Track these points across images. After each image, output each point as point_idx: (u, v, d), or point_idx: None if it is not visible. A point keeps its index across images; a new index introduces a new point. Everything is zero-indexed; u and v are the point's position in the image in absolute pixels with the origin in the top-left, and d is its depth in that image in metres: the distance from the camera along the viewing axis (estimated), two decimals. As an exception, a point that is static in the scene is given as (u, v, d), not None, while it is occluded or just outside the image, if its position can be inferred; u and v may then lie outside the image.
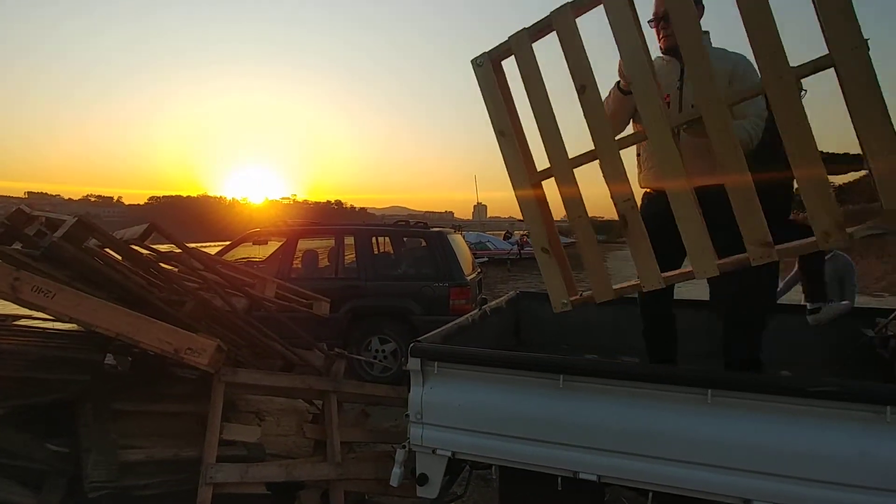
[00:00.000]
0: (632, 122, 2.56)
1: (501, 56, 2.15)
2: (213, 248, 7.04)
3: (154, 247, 3.03)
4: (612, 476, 1.95)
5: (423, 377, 2.23)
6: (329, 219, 78.92)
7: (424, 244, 6.34)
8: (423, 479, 2.24)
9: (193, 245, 3.52)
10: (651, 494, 1.93)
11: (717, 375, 1.86)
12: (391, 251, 6.92)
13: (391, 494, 2.79)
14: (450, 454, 2.19)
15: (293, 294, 3.89)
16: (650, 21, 2.46)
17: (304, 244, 6.75)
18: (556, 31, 2.00)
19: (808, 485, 1.68)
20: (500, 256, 21.79)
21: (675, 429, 1.84)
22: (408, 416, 2.25)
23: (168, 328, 2.44)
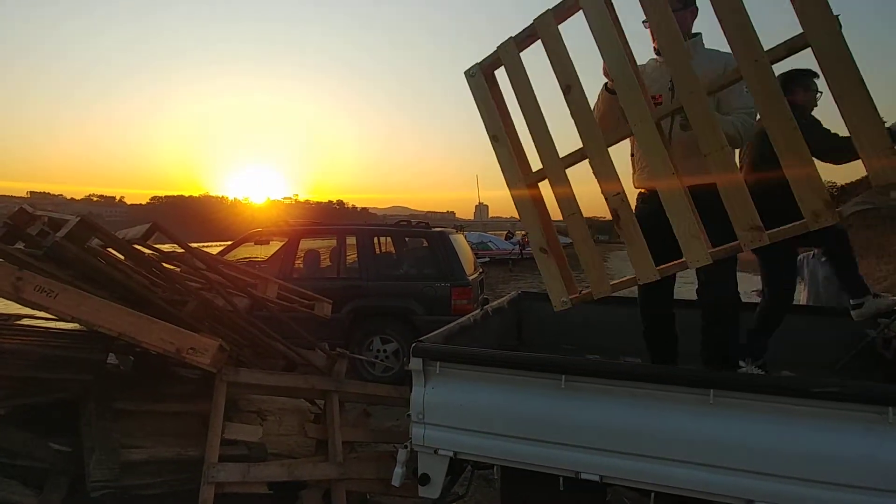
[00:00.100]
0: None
1: (492, 66, 2.26)
2: (215, 248, 7.05)
3: (156, 246, 3.03)
4: (614, 476, 1.94)
5: (425, 377, 2.24)
6: (331, 219, 78.91)
7: (426, 244, 6.34)
8: (425, 479, 2.24)
9: (195, 245, 3.53)
10: (653, 495, 1.92)
11: (720, 376, 1.86)
12: (393, 251, 6.92)
13: (393, 494, 2.79)
14: (452, 454, 2.19)
15: (295, 294, 3.89)
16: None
17: (306, 244, 6.75)
18: (540, 37, 2.09)
19: (811, 485, 1.68)
20: (502, 256, 21.82)
21: (678, 429, 1.84)
22: (410, 416, 2.25)
23: (170, 328, 2.44)
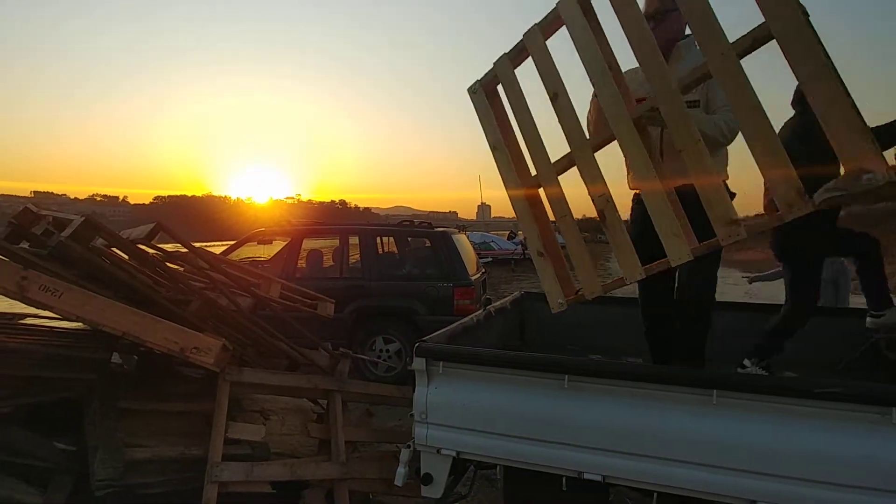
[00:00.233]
0: None
1: (492, 82, 2.43)
2: (218, 248, 7.06)
3: (160, 246, 3.04)
4: (617, 476, 1.94)
5: (428, 377, 2.24)
6: (333, 218, 78.99)
7: (429, 244, 6.35)
8: (428, 479, 2.25)
9: (198, 244, 3.53)
10: (656, 495, 1.92)
11: (723, 376, 1.85)
12: (395, 251, 6.92)
13: (395, 494, 2.79)
14: (454, 454, 2.19)
15: (298, 294, 3.90)
16: None
17: (309, 244, 6.76)
18: (529, 51, 2.25)
19: (814, 486, 1.67)
20: (504, 256, 21.82)
21: (680, 429, 1.84)
22: (412, 416, 2.26)
23: (174, 327, 2.45)
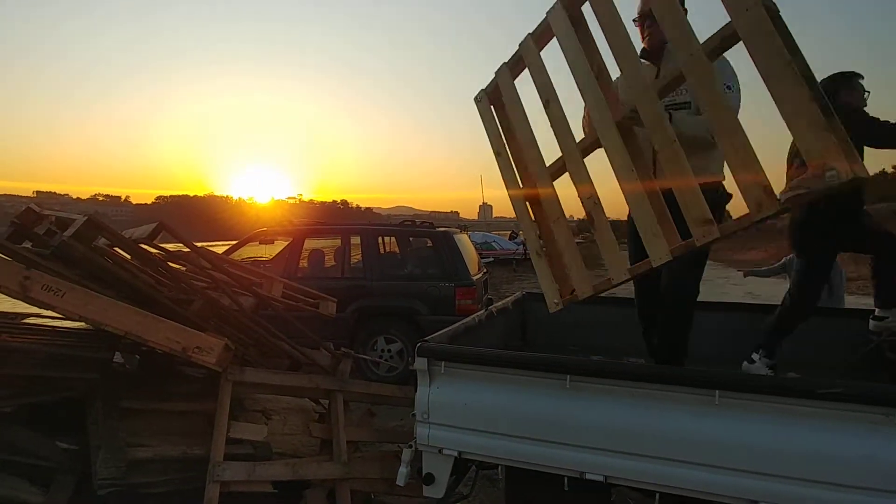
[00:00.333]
0: None
1: (495, 91, 2.58)
2: (220, 248, 7.07)
3: (162, 246, 3.04)
4: (619, 477, 1.94)
5: (430, 377, 2.24)
6: (335, 218, 79.03)
7: (430, 244, 6.34)
8: (430, 479, 2.25)
9: (200, 244, 3.54)
10: (658, 495, 1.92)
11: (725, 376, 1.85)
12: (397, 251, 6.92)
13: (397, 494, 2.79)
14: (456, 454, 2.19)
15: (300, 293, 3.90)
16: (635, 20, 2.49)
17: (311, 244, 6.76)
18: (524, 59, 2.38)
19: (816, 486, 1.67)
20: (506, 256, 21.81)
21: (683, 430, 1.83)
22: (414, 416, 2.26)
23: (176, 327, 2.45)
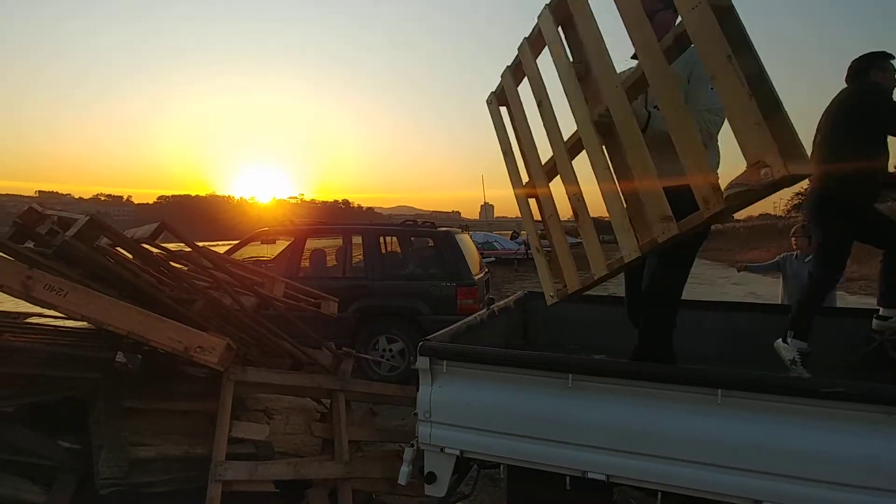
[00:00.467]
0: None
1: (502, 93, 2.80)
2: (222, 248, 7.07)
3: (164, 245, 3.05)
4: (621, 476, 1.94)
5: (432, 376, 2.24)
6: (336, 218, 79.07)
7: (432, 244, 6.34)
8: (432, 478, 2.25)
9: (202, 244, 3.54)
10: (660, 495, 1.92)
11: (728, 376, 1.85)
12: (399, 251, 6.92)
13: (399, 493, 2.79)
14: (458, 453, 2.19)
15: (301, 293, 3.90)
16: None
17: (312, 243, 6.76)
18: (521, 62, 2.62)
19: (818, 486, 1.67)
20: (507, 256, 21.81)
21: (685, 429, 1.83)
22: (416, 415, 2.26)
23: (178, 326, 2.45)
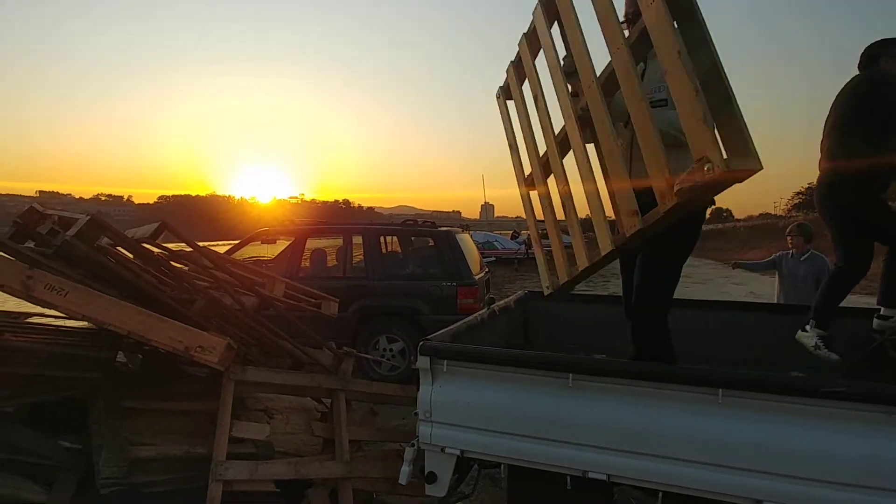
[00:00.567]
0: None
1: (507, 88, 2.98)
2: (222, 247, 7.07)
3: (165, 245, 3.05)
4: (622, 476, 1.94)
5: (433, 375, 2.24)
6: (337, 218, 79.11)
7: (432, 244, 6.34)
8: (432, 478, 2.25)
9: (203, 244, 3.54)
10: (661, 494, 1.92)
11: (728, 375, 1.85)
12: (399, 251, 6.92)
13: (400, 493, 2.80)
14: (458, 453, 2.19)
15: (302, 293, 3.90)
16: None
17: (313, 243, 6.76)
18: (521, 58, 2.80)
19: (819, 485, 1.67)
20: (508, 256, 21.81)
21: (686, 429, 1.83)
22: (417, 415, 2.25)
23: (179, 326, 2.45)
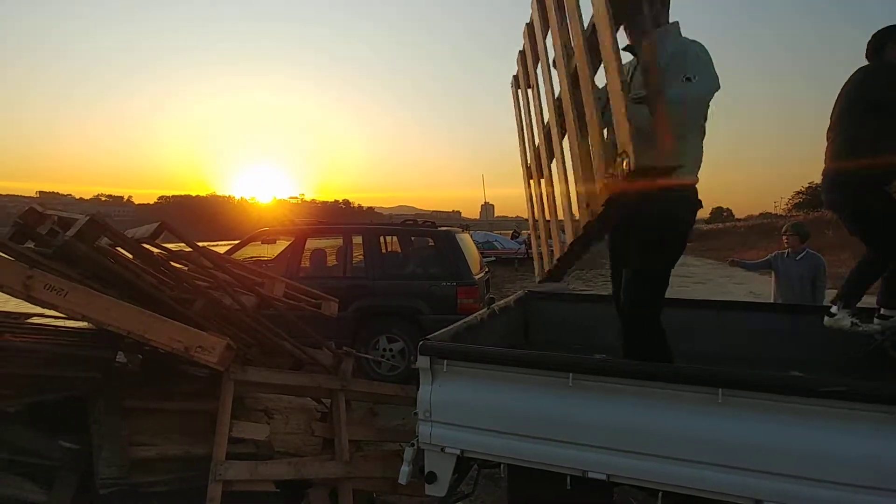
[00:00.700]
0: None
1: (516, 77, 3.20)
2: (222, 247, 7.07)
3: (164, 245, 3.05)
4: (622, 476, 1.94)
5: (433, 375, 2.24)
6: (337, 218, 79.12)
7: (432, 243, 6.34)
8: (432, 478, 2.25)
9: (203, 244, 3.54)
10: (661, 494, 1.92)
11: (729, 375, 1.85)
12: (399, 250, 6.92)
13: (399, 493, 2.79)
14: (458, 452, 2.19)
15: (302, 293, 3.90)
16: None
17: (313, 243, 6.76)
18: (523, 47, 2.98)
19: (819, 485, 1.67)
20: (508, 256, 21.79)
21: (686, 428, 1.83)
22: (416, 415, 2.26)
23: (179, 326, 2.45)
